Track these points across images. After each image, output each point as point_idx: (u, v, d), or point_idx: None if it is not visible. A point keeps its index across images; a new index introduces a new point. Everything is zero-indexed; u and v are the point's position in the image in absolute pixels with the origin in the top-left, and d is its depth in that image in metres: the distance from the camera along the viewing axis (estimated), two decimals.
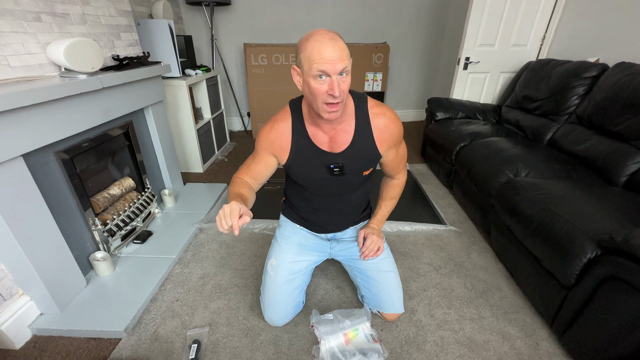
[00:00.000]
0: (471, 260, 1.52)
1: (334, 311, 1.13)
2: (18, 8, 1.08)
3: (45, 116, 1.08)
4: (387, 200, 1.16)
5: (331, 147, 0.93)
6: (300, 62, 0.78)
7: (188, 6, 2.94)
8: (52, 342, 1.10)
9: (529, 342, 1.11)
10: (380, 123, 0.92)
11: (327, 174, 0.96)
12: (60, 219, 1.20)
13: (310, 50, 0.74)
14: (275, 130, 0.94)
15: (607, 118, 1.59)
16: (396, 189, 1.14)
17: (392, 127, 0.94)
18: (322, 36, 0.74)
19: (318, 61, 0.73)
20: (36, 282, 1.10)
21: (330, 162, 0.93)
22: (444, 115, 2.45)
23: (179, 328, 1.16)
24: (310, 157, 0.94)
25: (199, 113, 2.54)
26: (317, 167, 0.95)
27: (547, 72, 2.07)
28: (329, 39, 0.74)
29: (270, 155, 0.97)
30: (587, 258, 0.98)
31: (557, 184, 1.34)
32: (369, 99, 0.95)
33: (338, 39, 0.75)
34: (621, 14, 1.87)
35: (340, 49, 0.74)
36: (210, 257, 1.53)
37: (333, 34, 0.76)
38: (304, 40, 0.77)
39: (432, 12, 3.27)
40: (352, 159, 0.94)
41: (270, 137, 0.94)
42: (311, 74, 0.76)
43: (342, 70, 0.75)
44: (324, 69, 0.74)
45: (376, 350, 1.03)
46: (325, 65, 0.73)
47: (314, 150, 0.93)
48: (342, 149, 0.93)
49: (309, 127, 0.93)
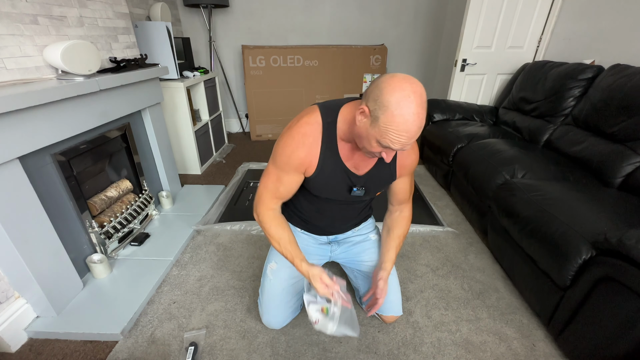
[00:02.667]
0: (468, 261, 1.52)
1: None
2: (15, 11, 1.09)
3: (42, 118, 1.08)
4: (397, 240, 1.06)
5: (355, 166, 0.89)
6: (377, 118, 0.67)
7: (186, 8, 2.95)
8: (48, 345, 1.10)
9: (525, 343, 1.12)
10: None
11: (346, 192, 0.93)
12: (57, 221, 1.19)
13: (394, 127, 0.66)
14: (306, 146, 0.83)
15: (602, 120, 1.60)
16: (406, 225, 1.08)
17: (414, 156, 0.95)
18: (410, 111, 0.64)
19: (393, 141, 0.68)
20: (32, 284, 1.09)
21: (352, 183, 0.91)
22: (442, 116, 2.46)
23: (175, 330, 1.16)
24: (334, 175, 0.89)
25: (196, 115, 2.54)
26: (339, 186, 0.92)
27: (543, 74, 2.08)
28: (416, 126, 0.66)
29: (300, 174, 0.88)
30: (582, 259, 0.98)
31: (553, 186, 1.35)
32: None
33: (423, 122, 0.67)
34: (616, 17, 1.89)
35: (417, 132, 0.68)
36: (207, 259, 1.53)
37: (422, 110, 0.66)
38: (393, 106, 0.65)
39: (430, 14, 3.29)
40: (373, 180, 0.92)
41: (300, 154, 0.83)
42: (379, 139, 0.70)
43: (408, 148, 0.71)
44: (394, 148, 0.70)
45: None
46: (398, 146, 0.69)
47: (340, 167, 0.88)
48: (365, 171, 0.90)
49: (340, 142, 0.85)
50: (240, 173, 2.46)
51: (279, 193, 0.92)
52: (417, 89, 0.66)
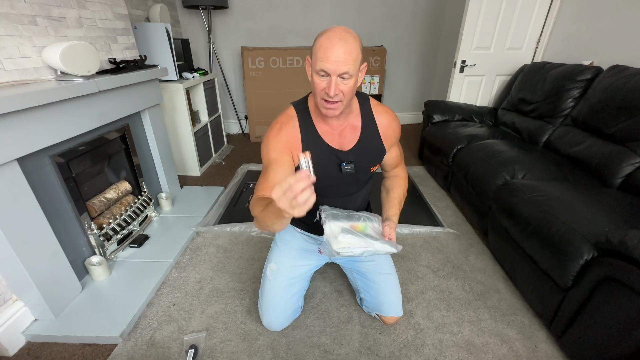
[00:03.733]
0: (469, 262, 1.52)
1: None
2: (14, 11, 1.08)
3: (41, 120, 1.07)
4: (397, 198, 1.04)
5: (340, 144, 0.93)
6: (312, 53, 0.79)
7: (185, 9, 2.95)
8: (47, 349, 1.09)
9: (527, 344, 1.11)
10: (384, 120, 0.97)
11: (338, 172, 0.95)
12: (56, 223, 1.19)
13: (318, 47, 0.76)
14: (284, 130, 0.89)
15: (601, 120, 1.61)
16: (404, 184, 1.09)
17: (395, 124, 0.99)
18: (333, 35, 0.74)
19: (322, 59, 0.75)
20: (30, 287, 1.08)
21: (340, 160, 0.93)
22: (441, 117, 2.47)
23: (175, 333, 1.15)
24: (321, 156, 0.92)
25: (196, 116, 2.53)
26: (329, 166, 0.94)
27: (542, 75, 2.09)
28: (339, 39, 0.74)
29: (288, 156, 0.89)
30: (584, 260, 0.98)
31: (553, 186, 1.35)
32: (371, 99, 0.99)
33: (349, 40, 0.75)
34: (615, 18, 1.90)
35: (346, 52, 0.74)
36: (207, 261, 1.52)
37: (346, 34, 0.75)
38: (319, 34, 0.78)
39: (429, 15, 3.30)
40: (361, 154, 0.95)
41: (281, 138, 0.88)
42: (315, 69, 0.78)
43: (343, 72, 0.75)
44: (325, 68, 0.75)
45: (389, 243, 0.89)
46: (327, 65, 0.75)
47: (325, 148, 0.92)
48: (351, 146, 0.94)
49: (318, 124, 0.92)
50: (240, 174, 2.46)
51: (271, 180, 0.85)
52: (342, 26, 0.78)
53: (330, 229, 0.89)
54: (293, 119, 0.92)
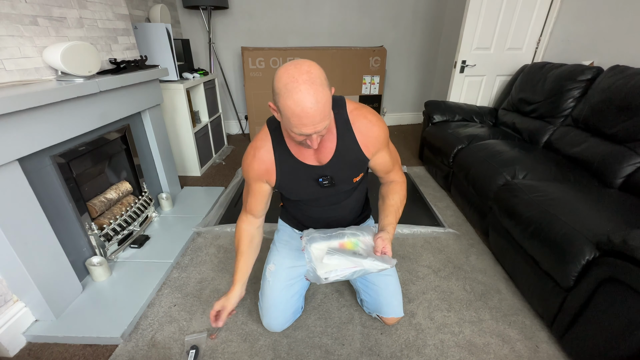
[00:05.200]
0: (470, 262, 1.52)
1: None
2: (14, 12, 1.08)
3: (42, 120, 1.07)
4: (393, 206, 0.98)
5: (317, 159, 0.90)
6: (279, 109, 0.70)
7: (185, 10, 2.95)
8: (47, 349, 1.09)
9: (528, 345, 1.11)
10: (362, 126, 0.88)
11: (317, 187, 0.93)
12: (56, 224, 1.18)
13: (290, 113, 0.67)
14: (257, 158, 0.89)
15: (602, 120, 1.61)
16: (400, 190, 1.00)
17: (375, 130, 0.89)
18: (302, 97, 0.65)
19: (297, 126, 0.69)
20: (31, 288, 1.08)
21: (318, 175, 0.91)
22: (441, 118, 2.47)
23: (176, 333, 1.15)
24: (297, 175, 0.91)
25: (196, 116, 2.53)
26: (306, 182, 0.93)
27: (542, 75, 2.09)
28: (311, 102, 0.65)
29: (262, 183, 0.94)
30: (585, 260, 0.98)
31: (554, 186, 1.35)
32: (348, 102, 0.90)
33: (320, 96, 0.66)
34: (615, 18, 1.90)
35: (322, 111, 0.67)
36: (208, 262, 1.52)
37: (315, 88, 0.66)
38: (283, 92, 0.67)
39: (429, 16, 3.30)
40: (339, 167, 0.90)
41: (254, 167, 0.90)
42: (290, 130, 0.72)
43: (322, 129, 0.71)
44: (303, 133, 0.70)
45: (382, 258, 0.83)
46: (305, 130, 0.69)
47: (300, 166, 0.90)
48: (327, 160, 0.89)
49: (291, 143, 0.88)
50: (240, 175, 2.45)
51: (250, 204, 0.98)
52: (302, 67, 0.67)
53: (313, 253, 0.83)
54: (266, 142, 0.89)
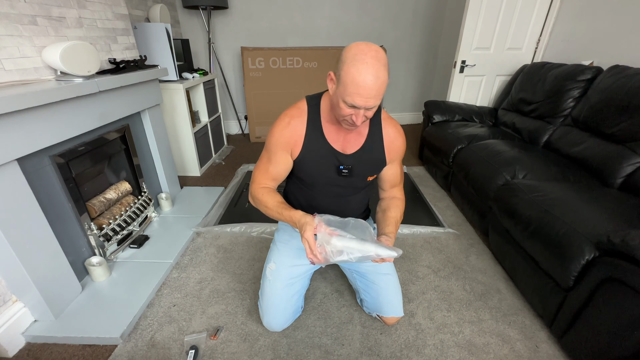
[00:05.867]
0: (470, 262, 1.52)
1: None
2: (13, 11, 1.08)
3: (41, 120, 1.07)
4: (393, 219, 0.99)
5: (343, 147, 0.94)
6: (339, 77, 0.76)
7: (185, 10, 2.94)
8: (46, 350, 1.08)
9: (528, 345, 1.11)
10: (391, 132, 0.96)
11: (335, 173, 0.96)
12: (55, 224, 1.18)
13: (350, 79, 0.72)
14: (291, 126, 0.92)
15: (602, 120, 1.61)
16: (401, 207, 1.03)
17: (400, 140, 0.98)
18: (366, 69, 0.71)
19: (352, 94, 0.73)
20: (30, 288, 1.08)
21: (340, 163, 0.94)
22: (441, 118, 2.47)
23: (176, 334, 1.15)
24: (321, 155, 0.94)
25: (196, 116, 2.53)
26: (326, 165, 0.95)
27: (542, 75, 2.09)
28: (372, 76, 0.71)
29: (287, 153, 0.95)
30: (585, 260, 0.98)
31: (554, 186, 1.35)
32: (383, 110, 0.98)
33: (380, 76, 0.72)
34: (615, 18, 1.90)
35: (378, 88, 0.73)
36: (207, 262, 1.51)
37: (378, 67, 0.71)
38: (349, 60, 0.73)
39: (429, 16, 3.30)
40: (361, 161, 0.95)
41: (285, 134, 0.92)
42: (342, 98, 0.76)
43: (372, 106, 0.76)
44: (356, 104, 0.74)
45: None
46: (358, 101, 0.74)
47: (327, 148, 0.93)
48: (353, 151, 0.94)
49: (326, 124, 0.93)
50: (240, 175, 2.45)
51: (270, 172, 0.97)
52: (372, 46, 0.73)
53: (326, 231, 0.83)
54: (303, 113, 0.93)
